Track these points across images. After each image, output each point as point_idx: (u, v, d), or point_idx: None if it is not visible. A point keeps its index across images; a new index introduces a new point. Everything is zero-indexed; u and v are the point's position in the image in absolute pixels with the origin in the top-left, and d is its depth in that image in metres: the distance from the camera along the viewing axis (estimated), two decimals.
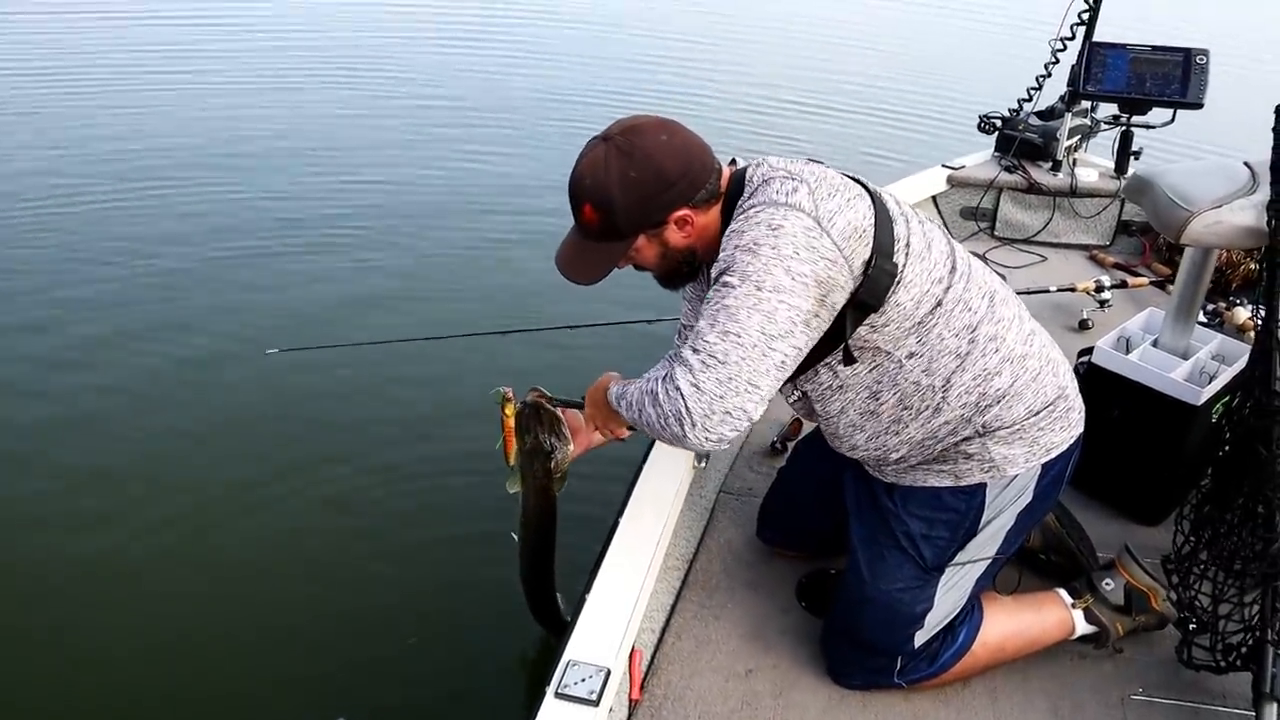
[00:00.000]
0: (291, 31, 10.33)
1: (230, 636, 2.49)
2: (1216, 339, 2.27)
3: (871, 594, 1.73)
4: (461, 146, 6.52)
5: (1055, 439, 1.67)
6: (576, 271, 1.61)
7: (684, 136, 1.55)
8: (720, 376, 1.39)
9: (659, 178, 1.50)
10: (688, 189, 1.53)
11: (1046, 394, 1.64)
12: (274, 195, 5.47)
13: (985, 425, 1.61)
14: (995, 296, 1.63)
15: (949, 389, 1.58)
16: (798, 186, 1.46)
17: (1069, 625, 1.85)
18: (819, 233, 1.43)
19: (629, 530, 1.79)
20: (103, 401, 3.44)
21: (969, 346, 1.57)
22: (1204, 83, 3.42)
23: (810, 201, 1.45)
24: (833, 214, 1.45)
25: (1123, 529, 2.26)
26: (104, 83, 7.70)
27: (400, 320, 4.06)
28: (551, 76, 8.83)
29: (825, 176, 1.51)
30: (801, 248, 1.41)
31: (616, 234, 1.55)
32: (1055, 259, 3.82)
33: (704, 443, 1.42)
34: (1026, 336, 1.65)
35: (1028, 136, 3.97)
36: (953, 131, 6.56)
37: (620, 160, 1.50)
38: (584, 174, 1.53)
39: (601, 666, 1.47)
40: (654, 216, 1.54)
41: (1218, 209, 1.89)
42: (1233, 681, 1.80)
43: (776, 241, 1.41)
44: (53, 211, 5.08)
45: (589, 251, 1.59)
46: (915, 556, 1.71)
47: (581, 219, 1.57)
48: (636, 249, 1.58)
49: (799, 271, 1.41)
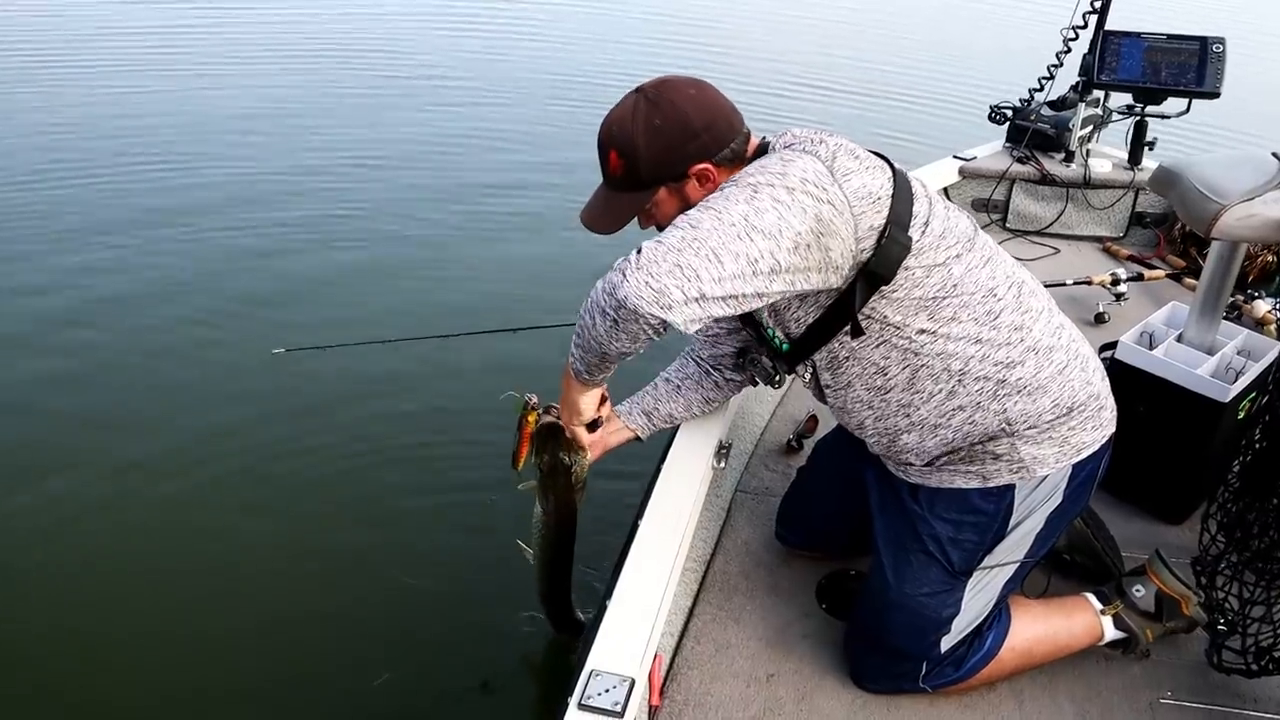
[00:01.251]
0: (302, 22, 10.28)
1: (234, 634, 2.46)
2: (1242, 334, 2.23)
3: (897, 598, 1.69)
4: (474, 143, 6.47)
5: (1086, 439, 1.63)
6: (596, 221, 1.62)
7: (713, 94, 1.56)
8: (685, 235, 1.33)
9: (683, 128, 1.51)
10: (711, 143, 1.53)
11: (1074, 390, 1.59)
12: (280, 193, 5.43)
13: (1009, 420, 1.57)
14: (1024, 287, 1.59)
15: (965, 373, 1.54)
16: (817, 143, 1.47)
17: (1098, 631, 1.81)
18: (829, 179, 1.41)
19: (650, 533, 1.75)
20: (105, 399, 3.41)
21: (990, 333, 1.53)
22: (1221, 71, 3.37)
23: (828, 154, 1.44)
24: (848, 171, 1.43)
25: (1147, 527, 2.22)
26: (99, 69, 7.66)
27: (407, 319, 4.03)
28: (560, 66, 8.78)
29: (847, 144, 1.50)
30: (810, 180, 1.39)
31: (639, 183, 1.56)
32: (1068, 251, 3.78)
33: (642, 288, 1.29)
34: (1055, 330, 1.61)
35: (1040, 127, 3.91)
36: (963, 122, 6.52)
37: (648, 109, 1.52)
38: (613, 122, 1.56)
39: (626, 676, 1.43)
40: (676, 167, 1.54)
41: (1249, 201, 1.85)
42: (1264, 685, 1.77)
43: (785, 167, 1.40)
44: (53, 203, 5.04)
45: (611, 201, 1.60)
46: (942, 560, 1.67)
47: (607, 168, 1.58)
48: (657, 202, 1.58)
49: (800, 195, 1.37)
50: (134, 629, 2.48)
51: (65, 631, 2.46)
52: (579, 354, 1.54)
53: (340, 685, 2.35)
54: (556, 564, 2.01)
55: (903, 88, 8.66)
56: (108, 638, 2.45)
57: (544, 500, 1.90)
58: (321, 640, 2.47)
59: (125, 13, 9.77)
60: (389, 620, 2.53)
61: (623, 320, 1.36)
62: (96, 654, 2.40)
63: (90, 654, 2.40)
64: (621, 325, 1.37)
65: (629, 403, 1.99)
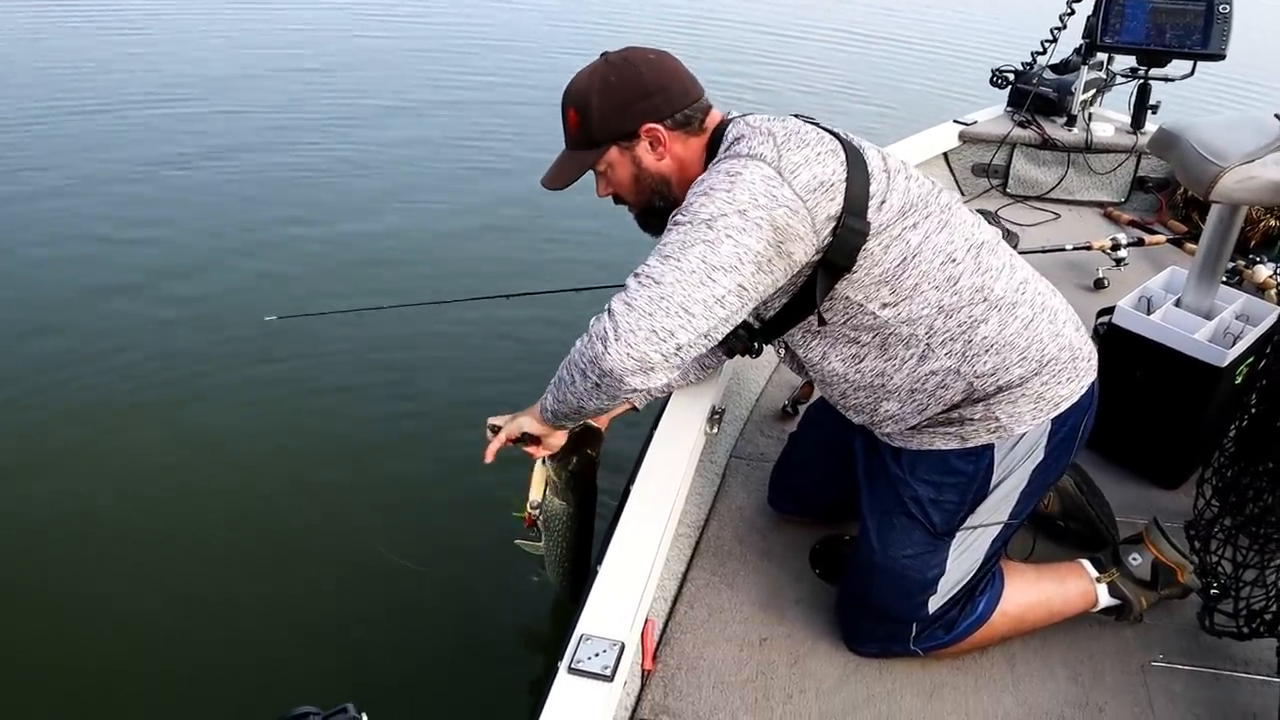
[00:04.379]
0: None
1: (229, 605, 2.47)
2: (1241, 299, 2.21)
3: (881, 561, 1.70)
4: (469, 110, 6.44)
5: (1062, 392, 1.60)
6: (552, 177, 1.65)
7: (672, 62, 1.61)
8: (653, 295, 1.36)
9: (636, 87, 1.56)
10: (663, 105, 1.56)
11: (1044, 344, 1.57)
12: (272, 161, 5.42)
13: (981, 379, 1.56)
14: (984, 247, 1.58)
15: (932, 336, 1.55)
16: (764, 140, 1.46)
17: (1092, 598, 1.81)
18: (779, 182, 1.41)
19: (641, 499, 1.75)
20: (96, 368, 3.40)
21: (952, 298, 1.53)
22: (1227, 33, 3.31)
23: (774, 153, 1.43)
24: (797, 166, 1.43)
25: (1142, 492, 2.22)
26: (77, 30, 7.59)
27: (402, 285, 4.02)
28: (556, 40, 8.70)
29: (797, 131, 1.48)
30: (759, 193, 1.39)
31: (592, 139, 1.60)
32: (1069, 216, 3.75)
33: (625, 360, 1.35)
34: (1018, 285, 1.59)
35: (1042, 91, 3.87)
36: (965, 86, 6.46)
37: (605, 68, 1.58)
38: (573, 82, 1.62)
39: (615, 640, 1.44)
40: (626, 125, 1.57)
41: (1249, 164, 1.82)
42: (1255, 648, 1.77)
43: (732, 186, 1.40)
44: (46, 169, 5.02)
45: (568, 158, 1.65)
46: (924, 522, 1.67)
47: (566, 126, 1.63)
48: (610, 163, 1.61)
49: (752, 215, 1.38)
50: (124, 600, 2.48)
51: (58, 599, 2.47)
52: (555, 404, 1.59)
53: (337, 652, 2.36)
54: (584, 553, 2.03)
55: (903, 51, 8.57)
56: (100, 607, 2.45)
57: (568, 495, 1.92)
58: (314, 608, 2.48)
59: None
60: (381, 589, 2.53)
61: (606, 386, 1.42)
62: (91, 624, 2.40)
63: (85, 623, 2.40)
64: (604, 389, 1.43)
65: None
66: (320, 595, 2.52)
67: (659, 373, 1.38)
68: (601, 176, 1.65)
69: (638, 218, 1.72)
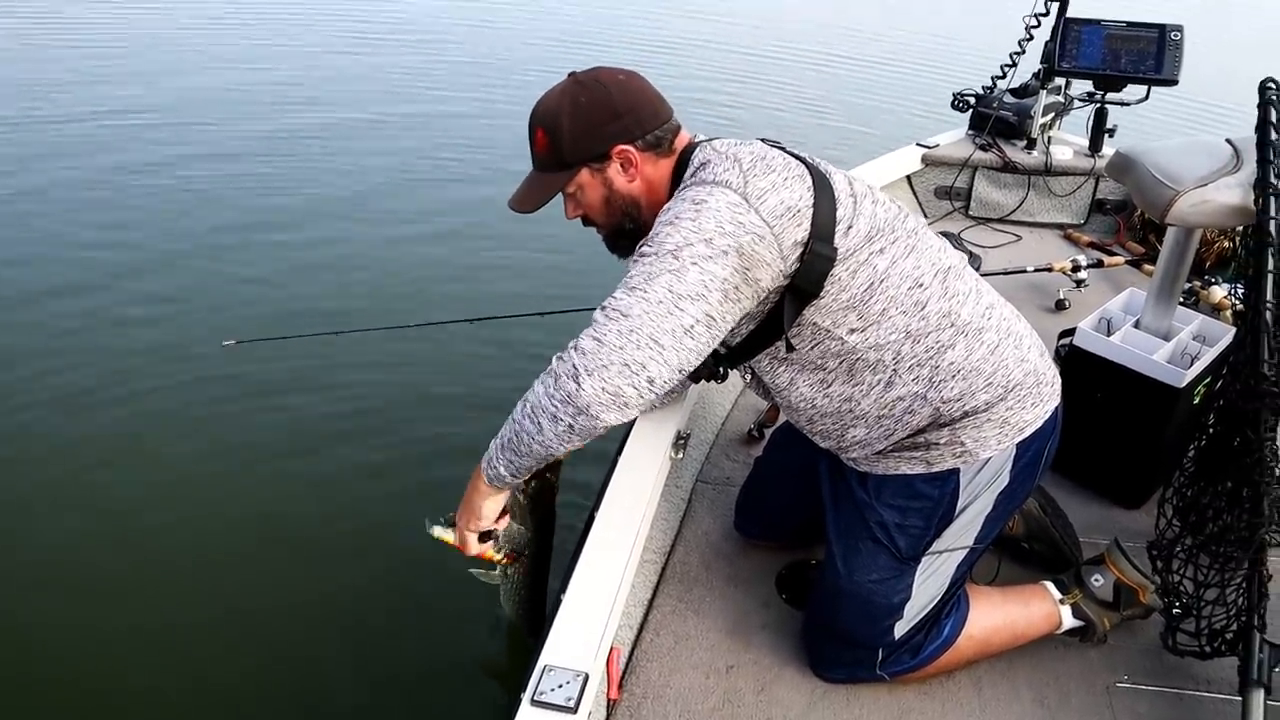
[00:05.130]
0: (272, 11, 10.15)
1: (183, 629, 2.42)
2: (1198, 319, 2.24)
3: (848, 586, 1.69)
4: (435, 131, 6.44)
5: (1027, 417, 1.61)
6: (521, 200, 1.62)
7: (640, 83, 1.59)
8: (621, 328, 1.33)
9: (605, 106, 1.53)
10: (634, 125, 1.54)
11: (1009, 370, 1.58)
12: (233, 183, 5.36)
13: (947, 405, 1.56)
14: (950, 272, 1.58)
15: (899, 362, 1.54)
16: (730, 166, 1.45)
17: (1055, 620, 1.82)
18: (745, 208, 1.40)
19: (605, 525, 1.73)
20: (53, 392, 3.33)
21: (919, 323, 1.53)
22: (1179, 59, 3.39)
23: (740, 179, 1.42)
24: (763, 192, 1.42)
25: (1105, 512, 2.24)
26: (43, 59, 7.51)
27: (360, 310, 3.98)
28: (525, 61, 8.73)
29: (763, 156, 1.48)
30: (725, 221, 1.38)
31: (562, 162, 1.57)
32: (1030, 238, 3.79)
33: (599, 397, 1.32)
34: (984, 311, 1.60)
35: (1002, 114, 3.93)
36: (926, 109, 6.54)
37: (574, 88, 1.55)
38: (541, 102, 1.59)
39: (579, 671, 1.41)
40: (597, 146, 1.55)
41: (1203, 187, 1.85)
42: (1217, 667, 1.78)
43: (697, 214, 1.39)
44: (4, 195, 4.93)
45: (537, 180, 1.62)
46: (890, 547, 1.67)
47: (534, 147, 1.60)
48: (580, 185, 1.59)
49: (718, 243, 1.37)
50: (85, 622, 2.42)
51: (24, 623, 2.41)
52: (509, 458, 1.49)
53: (295, 679, 2.31)
54: (542, 581, 1.97)
55: (866, 75, 8.68)
56: (60, 631, 2.39)
57: (527, 520, 1.84)
58: (273, 633, 2.43)
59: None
60: (343, 616, 2.48)
61: (580, 426, 1.36)
62: (53, 646, 2.34)
63: (47, 645, 2.34)
64: (578, 430, 1.37)
65: None
66: (277, 625, 2.47)
67: (633, 408, 1.35)
68: (570, 198, 1.62)
69: (606, 239, 1.70)
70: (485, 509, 1.62)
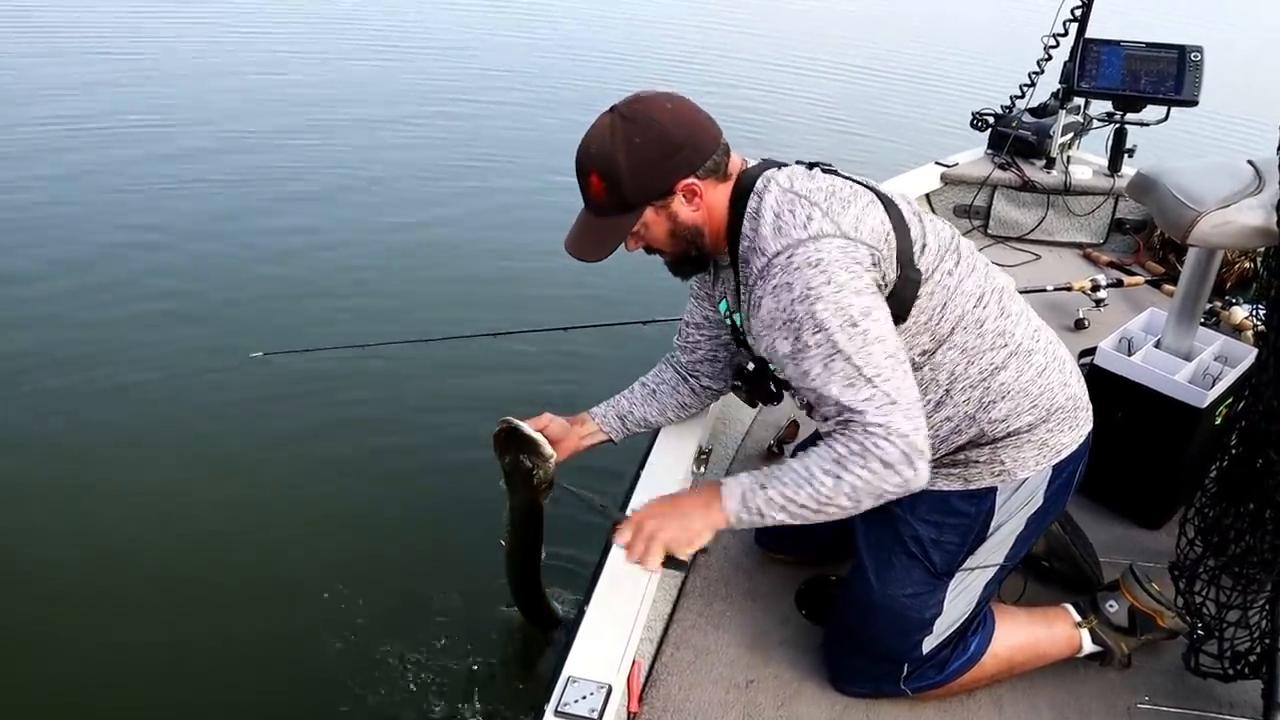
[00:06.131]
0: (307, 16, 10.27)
1: (210, 641, 2.44)
2: (1219, 340, 2.24)
3: (880, 600, 1.69)
4: (459, 147, 6.46)
5: (1065, 440, 1.63)
6: (583, 249, 1.55)
7: (688, 106, 1.52)
8: (906, 407, 1.38)
9: (664, 142, 1.47)
10: (694, 155, 1.49)
11: (1054, 393, 1.60)
12: (260, 196, 5.40)
13: (993, 426, 1.57)
14: (1004, 292, 1.60)
15: (954, 383, 1.55)
16: (810, 212, 1.42)
17: (1076, 643, 1.82)
18: (852, 245, 1.41)
19: None
20: (82, 404, 3.36)
21: (977, 340, 1.54)
22: (1199, 80, 3.39)
23: (830, 224, 1.41)
24: (855, 221, 1.43)
25: (1125, 532, 2.23)
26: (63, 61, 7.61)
27: (388, 323, 4.01)
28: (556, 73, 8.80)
29: (833, 190, 1.47)
30: (849, 265, 1.39)
31: (624, 205, 1.51)
32: (1049, 257, 3.80)
33: (926, 469, 1.39)
34: (1034, 333, 1.62)
35: (1021, 134, 3.94)
36: (946, 128, 6.55)
37: (624, 126, 1.47)
38: (590, 143, 1.50)
39: (602, 683, 1.43)
40: (661, 185, 1.50)
41: (1225, 209, 1.85)
42: (1240, 690, 1.78)
43: (828, 275, 1.38)
44: (31, 206, 5.00)
45: (597, 228, 1.55)
46: (924, 561, 1.68)
47: (589, 192, 1.53)
48: (645, 224, 1.54)
49: (862, 286, 1.39)
50: (111, 633, 2.45)
51: (44, 634, 2.43)
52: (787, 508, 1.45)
53: (310, 694, 2.33)
54: (521, 559, 2.03)
55: (886, 93, 8.70)
56: (84, 640, 2.42)
57: (510, 497, 1.91)
58: (300, 647, 2.44)
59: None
60: (364, 625, 2.50)
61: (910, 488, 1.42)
62: (77, 655, 2.37)
63: (71, 654, 2.37)
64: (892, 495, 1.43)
65: (605, 405, 1.99)
66: (292, 625, 2.50)
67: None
68: (634, 236, 1.57)
69: (670, 265, 1.66)
70: (706, 535, 1.54)
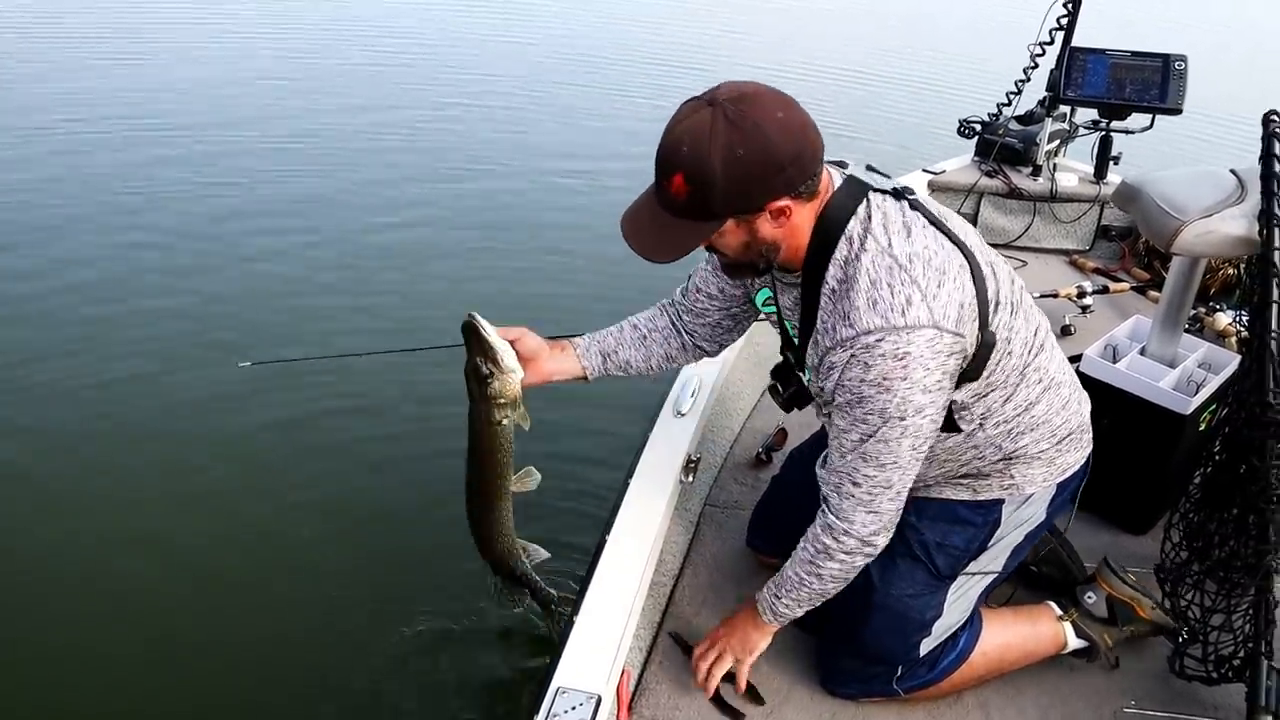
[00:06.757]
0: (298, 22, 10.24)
1: (194, 650, 2.44)
2: (1203, 347, 2.26)
3: (882, 600, 1.71)
4: (450, 155, 6.45)
5: (1071, 459, 1.68)
6: (653, 249, 1.42)
7: (800, 117, 1.36)
8: (891, 498, 1.51)
9: (768, 159, 1.32)
10: (796, 176, 1.36)
11: (1070, 420, 1.64)
12: (251, 206, 5.38)
13: (1013, 450, 1.61)
14: (1041, 327, 1.61)
15: (987, 418, 1.57)
16: (910, 294, 1.36)
17: (1061, 639, 1.84)
18: (939, 335, 1.37)
19: (617, 549, 1.76)
20: (69, 412, 3.35)
21: (1018, 379, 1.56)
22: (1183, 88, 3.42)
23: (926, 311, 1.36)
24: (945, 306, 1.38)
25: (1111, 537, 2.25)
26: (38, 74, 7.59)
27: (375, 333, 4.01)
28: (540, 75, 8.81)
29: (929, 259, 1.39)
30: (929, 360, 1.37)
31: (706, 213, 1.37)
32: (1036, 264, 3.82)
33: (883, 544, 1.57)
34: (1060, 362, 1.64)
35: (1008, 141, 3.96)
36: (932, 135, 6.59)
37: (729, 132, 1.31)
38: (683, 140, 1.33)
39: (592, 693, 1.43)
40: (754, 202, 1.37)
41: (1208, 218, 1.88)
42: (1224, 693, 1.80)
43: (906, 371, 1.36)
44: (19, 215, 4.98)
45: (671, 228, 1.40)
46: (928, 563, 1.70)
47: (668, 190, 1.37)
48: (722, 232, 1.41)
49: (932, 384, 1.39)
50: (94, 640, 2.45)
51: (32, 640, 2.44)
52: (804, 604, 1.67)
53: (298, 702, 2.33)
54: (474, 485, 1.85)
55: (872, 99, 8.74)
56: (70, 649, 2.42)
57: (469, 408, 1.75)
58: (283, 662, 2.45)
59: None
60: (351, 636, 2.50)
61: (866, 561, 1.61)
62: (64, 662, 2.37)
63: (59, 662, 2.37)
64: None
65: (589, 338, 1.86)
66: (277, 640, 2.50)
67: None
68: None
69: (727, 267, 1.56)
70: (764, 644, 1.77)
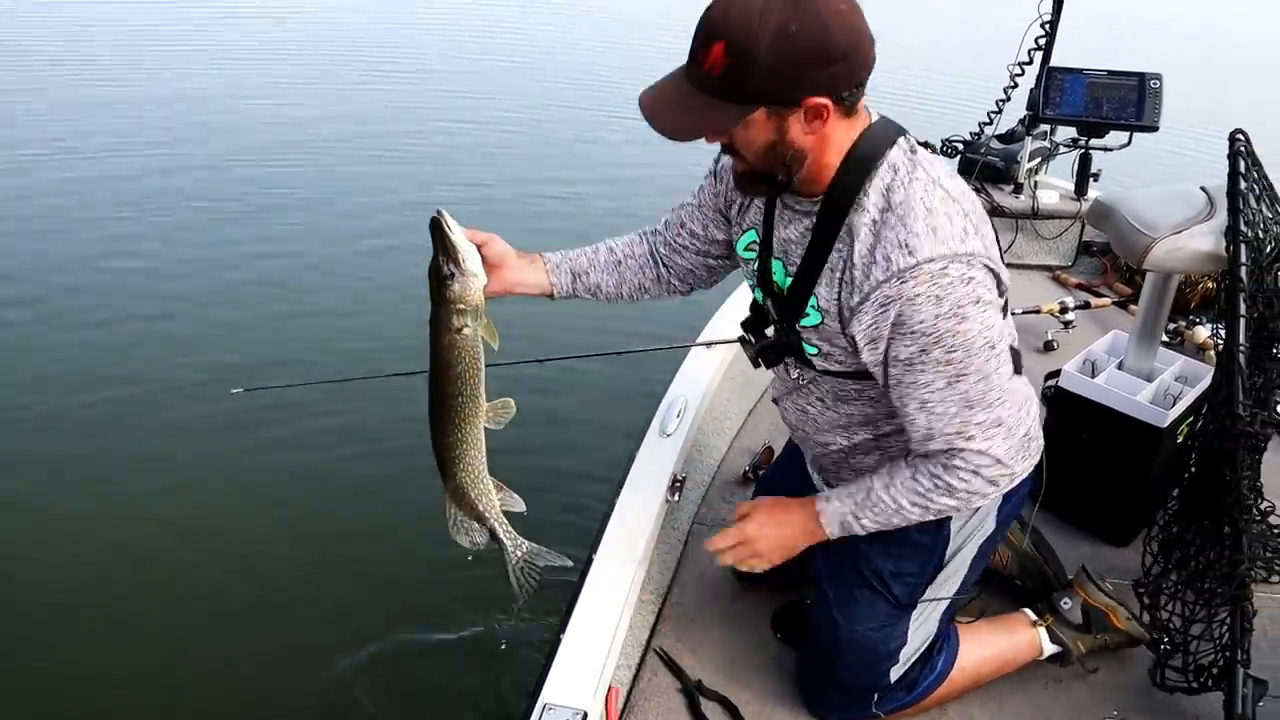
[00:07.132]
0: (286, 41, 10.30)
1: (188, 671, 2.47)
2: (1179, 360, 2.30)
3: (846, 636, 1.72)
4: (444, 176, 6.50)
5: (1019, 469, 1.65)
6: (675, 125, 1.32)
7: (863, 22, 1.28)
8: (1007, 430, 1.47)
9: (820, 46, 1.23)
10: (842, 77, 1.27)
11: (1026, 426, 1.63)
12: (243, 234, 5.42)
13: None
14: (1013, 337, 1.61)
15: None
16: (967, 226, 1.36)
17: (1037, 646, 1.87)
18: (991, 272, 1.39)
19: (604, 567, 1.78)
20: (62, 439, 3.37)
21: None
22: (1159, 106, 3.48)
23: (981, 244, 1.37)
24: (990, 246, 1.41)
25: (1094, 550, 2.27)
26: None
27: (370, 358, 4.03)
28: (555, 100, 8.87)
29: (975, 203, 1.43)
30: (991, 288, 1.39)
31: (740, 93, 1.26)
32: (1018, 280, 3.86)
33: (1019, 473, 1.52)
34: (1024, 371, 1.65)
35: (989, 159, 4.01)
36: None
37: (785, 7, 1.21)
38: (732, 6, 1.24)
39: (578, 709, 1.45)
40: (794, 92, 1.27)
41: (1178, 234, 1.92)
42: (1205, 702, 1.81)
43: (977, 295, 1.35)
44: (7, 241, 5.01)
45: (696, 105, 1.30)
46: (886, 594, 1.70)
47: (703, 60, 1.27)
48: (748, 123, 1.31)
49: (995, 312, 1.40)
50: (100, 666, 2.48)
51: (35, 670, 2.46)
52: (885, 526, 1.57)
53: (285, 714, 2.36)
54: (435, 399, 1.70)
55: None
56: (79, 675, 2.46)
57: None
58: (273, 680, 2.47)
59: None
60: (342, 654, 2.51)
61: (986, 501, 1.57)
62: (67, 691, 2.39)
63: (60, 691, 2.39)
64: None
65: (561, 254, 1.76)
66: (266, 658, 2.52)
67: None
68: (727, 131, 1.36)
69: (741, 176, 1.46)
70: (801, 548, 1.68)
